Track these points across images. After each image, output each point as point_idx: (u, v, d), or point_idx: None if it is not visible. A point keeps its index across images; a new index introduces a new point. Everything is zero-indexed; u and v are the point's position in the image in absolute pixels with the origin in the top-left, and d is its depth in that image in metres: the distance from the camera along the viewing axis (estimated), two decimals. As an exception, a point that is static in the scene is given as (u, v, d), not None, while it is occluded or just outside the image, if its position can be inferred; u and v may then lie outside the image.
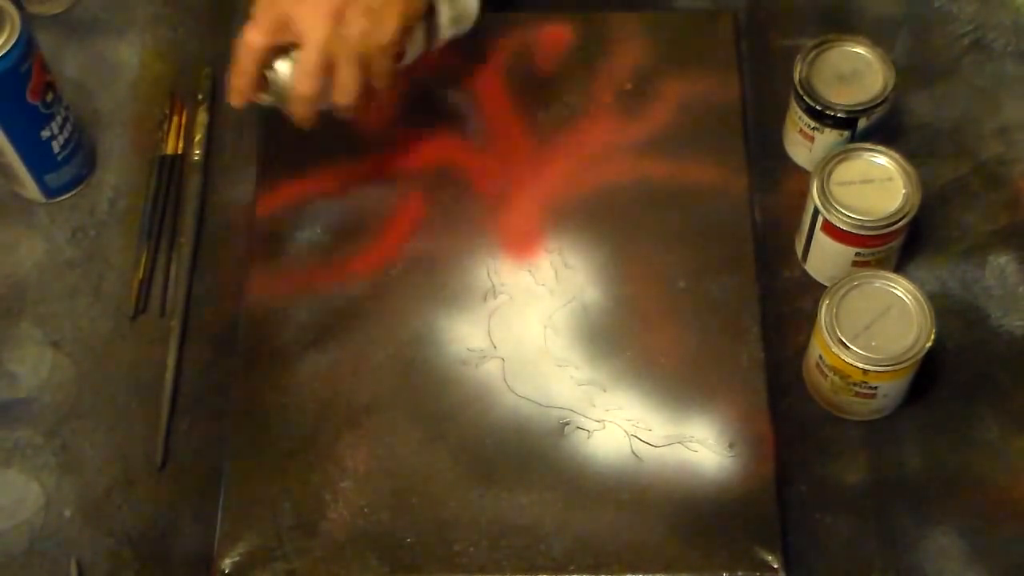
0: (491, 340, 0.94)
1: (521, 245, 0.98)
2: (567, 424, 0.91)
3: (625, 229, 0.99)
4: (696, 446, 0.90)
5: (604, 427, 0.91)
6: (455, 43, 1.03)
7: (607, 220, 0.99)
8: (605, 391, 0.92)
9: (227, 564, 0.88)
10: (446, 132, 1.03)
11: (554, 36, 1.06)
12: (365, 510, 0.89)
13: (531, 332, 0.95)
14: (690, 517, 0.89)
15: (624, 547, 0.88)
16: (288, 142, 1.02)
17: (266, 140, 1.02)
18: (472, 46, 1.06)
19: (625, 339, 0.94)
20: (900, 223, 0.92)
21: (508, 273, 0.97)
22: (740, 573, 0.87)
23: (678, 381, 0.93)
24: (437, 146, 1.02)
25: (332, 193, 1.01)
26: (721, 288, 0.96)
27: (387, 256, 0.98)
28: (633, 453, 0.90)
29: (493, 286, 0.97)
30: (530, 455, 0.90)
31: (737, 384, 0.93)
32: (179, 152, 1.04)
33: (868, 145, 0.94)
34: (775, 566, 0.87)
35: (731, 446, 0.91)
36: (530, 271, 0.97)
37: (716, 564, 0.87)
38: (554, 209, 1.00)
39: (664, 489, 0.89)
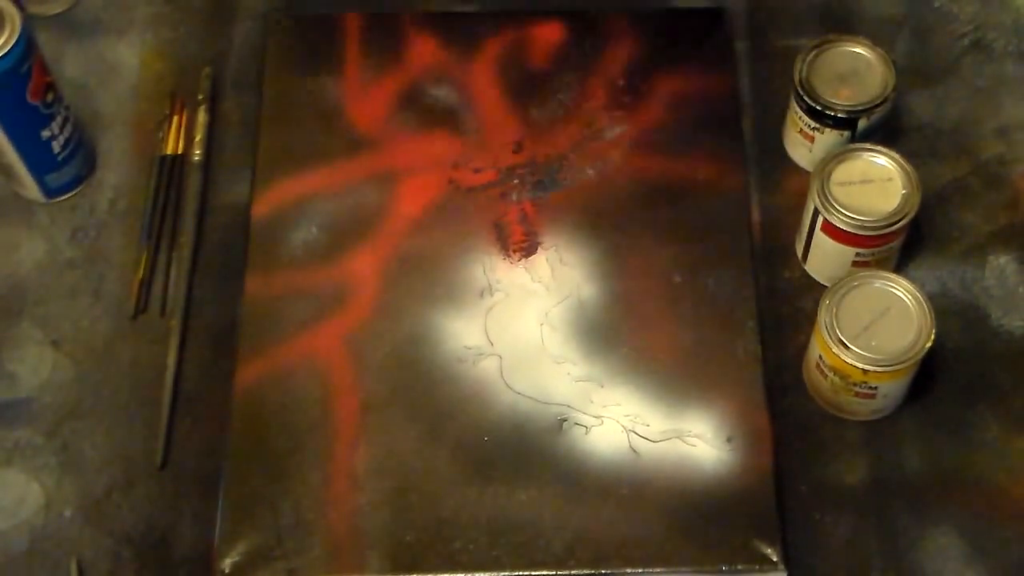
0: (488, 338, 0.94)
1: (516, 242, 0.98)
2: (565, 420, 0.91)
3: (621, 225, 0.99)
4: (694, 440, 0.91)
5: (602, 423, 0.91)
6: (448, 41, 1.04)
7: (602, 217, 0.99)
8: (603, 387, 0.92)
9: (227, 564, 0.88)
10: (439, 130, 1.03)
11: (547, 33, 1.06)
12: (364, 509, 0.89)
13: (528, 329, 0.95)
14: (689, 511, 0.89)
15: (623, 542, 0.88)
16: (284, 142, 1.02)
17: (262, 140, 1.02)
18: (466, 44, 1.06)
19: (622, 335, 0.94)
20: (900, 223, 0.92)
21: (504, 271, 0.97)
22: (739, 566, 0.87)
23: (675, 376, 0.93)
24: (430, 144, 1.02)
25: (327, 192, 1.00)
26: (717, 283, 0.96)
27: (382, 255, 0.98)
28: (631, 448, 0.90)
29: (489, 284, 0.97)
30: (528, 451, 0.90)
31: (734, 378, 0.93)
32: (179, 152, 1.04)
33: (868, 145, 0.94)
34: (774, 559, 0.87)
35: (729, 440, 0.91)
36: (526, 268, 0.97)
37: (715, 558, 0.87)
38: (549, 206, 1.00)
39: (663, 484, 0.89)
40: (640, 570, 0.87)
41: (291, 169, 1.01)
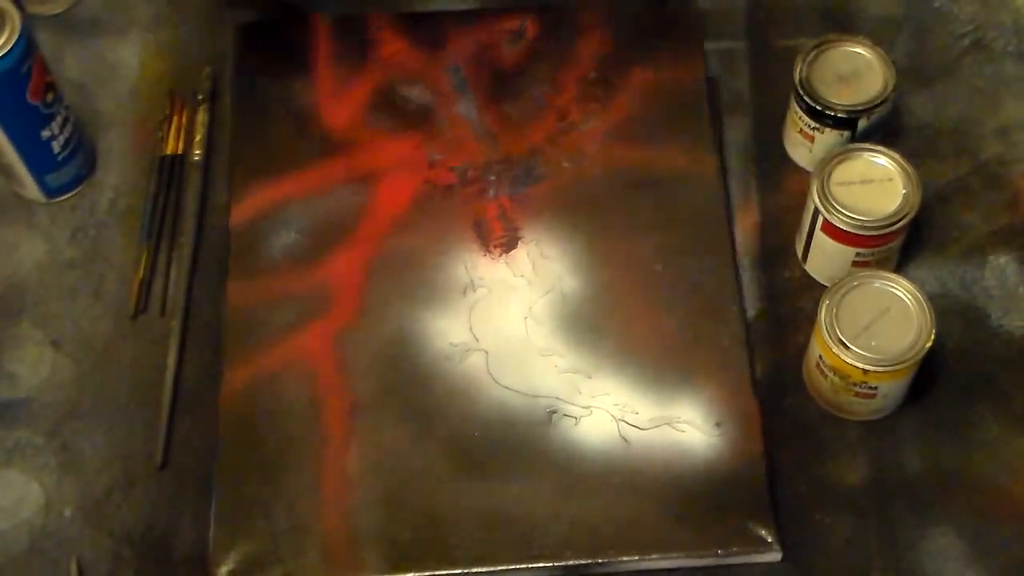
0: (473, 334, 0.94)
1: (496, 238, 0.98)
2: (554, 412, 0.91)
3: (599, 216, 0.99)
4: (683, 426, 0.91)
5: (591, 413, 0.91)
6: (419, 37, 1.03)
7: (581, 209, 0.99)
8: (590, 377, 0.92)
9: (223, 572, 0.88)
10: (413, 129, 1.03)
11: (517, 29, 1.06)
12: (358, 509, 0.89)
13: (512, 323, 0.95)
14: (682, 497, 0.89)
15: (618, 530, 0.88)
16: (258, 147, 1.02)
17: (235, 147, 1.01)
18: (436, 41, 1.06)
19: (606, 325, 0.95)
20: (900, 223, 0.92)
21: (486, 267, 0.97)
22: (734, 549, 0.87)
23: (661, 363, 0.93)
24: (405, 143, 1.02)
25: (305, 196, 1.00)
26: (699, 269, 0.96)
27: (363, 256, 0.98)
28: (621, 437, 0.90)
29: (471, 280, 0.97)
30: (519, 445, 0.91)
31: (720, 363, 0.93)
32: (179, 152, 1.04)
33: (868, 145, 0.94)
34: (769, 540, 0.87)
35: (718, 425, 0.91)
36: (507, 263, 0.97)
37: (710, 542, 0.88)
38: (527, 201, 1.00)
39: (654, 471, 0.89)
40: (636, 557, 0.87)
41: (267, 174, 1.01)
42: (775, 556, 0.88)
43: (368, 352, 0.94)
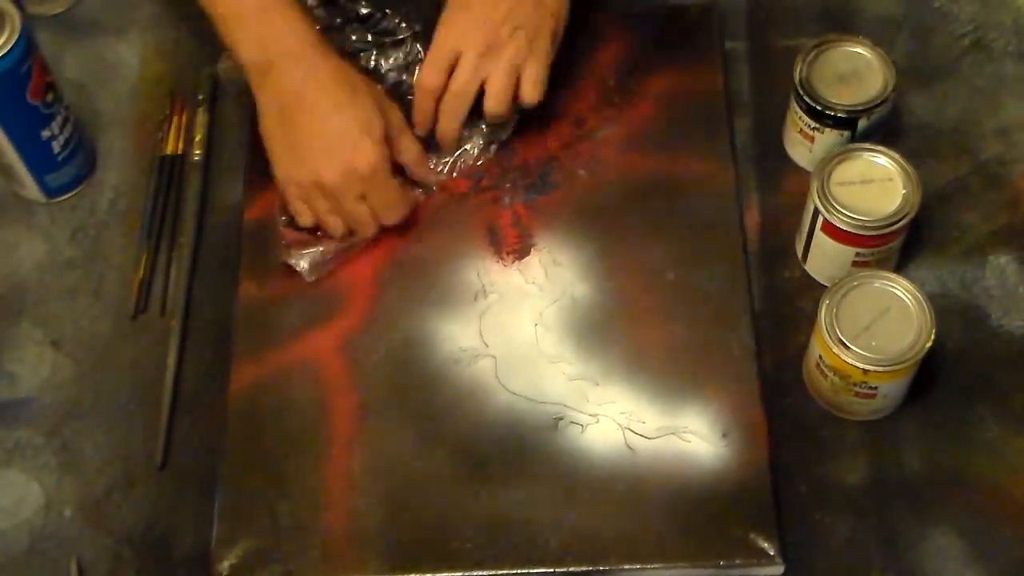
0: (482, 339, 0.95)
1: (509, 244, 0.98)
2: (561, 419, 0.91)
3: (613, 224, 0.99)
4: (689, 436, 0.91)
5: (598, 421, 0.91)
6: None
7: (595, 217, 0.99)
8: (597, 385, 0.93)
9: (225, 567, 0.88)
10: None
11: None
12: (361, 510, 0.89)
13: (522, 330, 0.95)
14: (685, 507, 0.89)
15: (621, 538, 0.88)
16: None
17: (253, 144, 1.02)
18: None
19: (616, 333, 0.95)
20: (900, 223, 0.92)
21: (498, 273, 0.97)
22: (737, 560, 0.87)
23: (670, 373, 0.93)
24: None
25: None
26: (710, 279, 0.96)
27: (377, 259, 0.98)
28: (627, 445, 0.90)
29: (483, 286, 0.97)
30: (525, 450, 0.91)
31: (729, 373, 0.93)
32: (179, 152, 1.04)
33: (868, 145, 0.94)
34: (771, 553, 0.87)
35: (724, 435, 0.91)
36: (519, 270, 0.97)
37: (712, 553, 0.87)
38: (541, 208, 1.00)
39: (659, 480, 0.89)
40: (637, 566, 0.87)
41: None
42: (777, 569, 0.88)
43: (377, 354, 0.94)
